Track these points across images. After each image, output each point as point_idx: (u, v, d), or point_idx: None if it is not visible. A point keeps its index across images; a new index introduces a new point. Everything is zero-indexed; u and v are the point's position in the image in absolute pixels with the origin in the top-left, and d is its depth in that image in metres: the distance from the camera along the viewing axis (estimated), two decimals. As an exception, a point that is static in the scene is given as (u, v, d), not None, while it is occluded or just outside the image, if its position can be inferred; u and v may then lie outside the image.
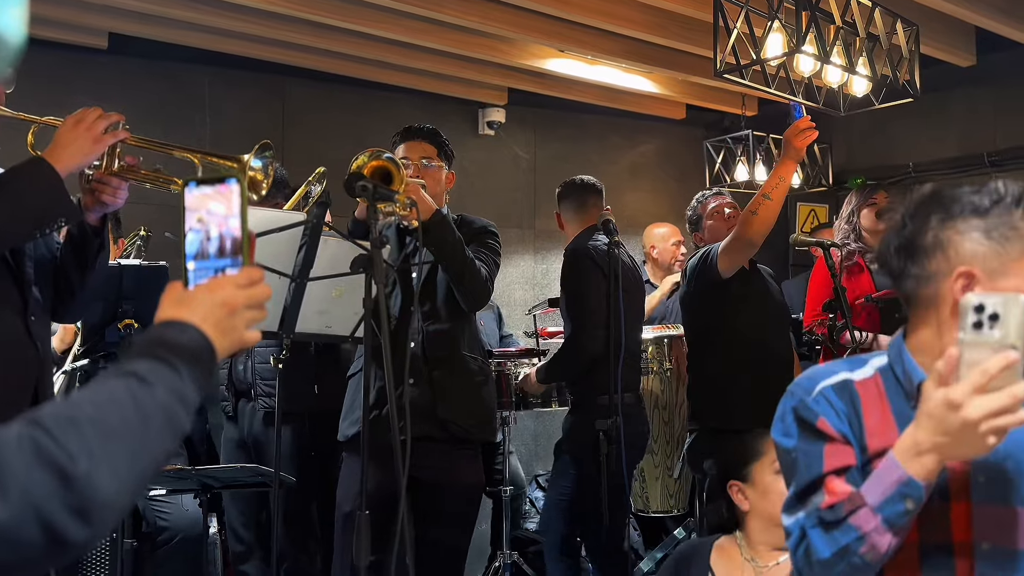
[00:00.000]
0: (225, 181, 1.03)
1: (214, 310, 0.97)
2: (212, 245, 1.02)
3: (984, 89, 4.88)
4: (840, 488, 1.23)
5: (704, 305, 3.17)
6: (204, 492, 2.69)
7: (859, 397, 1.30)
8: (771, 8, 2.86)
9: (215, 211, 1.03)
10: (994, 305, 1.05)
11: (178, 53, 4.18)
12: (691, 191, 5.64)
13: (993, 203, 1.24)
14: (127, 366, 0.88)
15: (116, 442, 0.80)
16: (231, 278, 1.00)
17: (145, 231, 3.47)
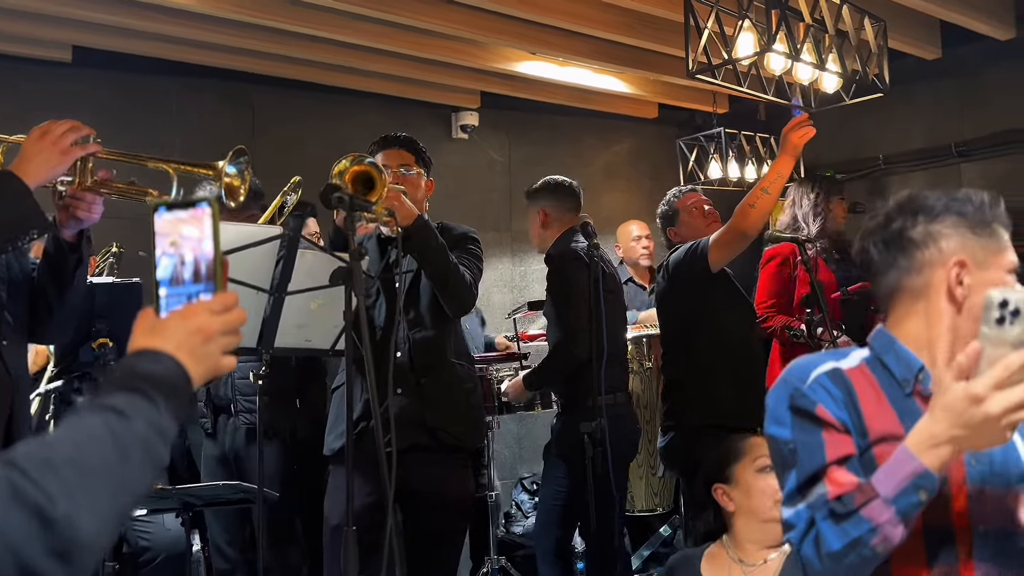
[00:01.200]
0: (197, 205, 1.01)
1: (189, 338, 0.95)
2: (185, 270, 1.00)
3: (949, 81, 4.95)
4: (844, 478, 1.24)
5: (687, 300, 3.12)
6: (186, 511, 2.65)
7: (853, 385, 1.31)
8: (741, 7, 2.88)
9: (188, 235, 1.01)
10: (1018, 301, 1.07)
11: (143, 64, 4.12)
12: (665, 189, 5.66)
13: (974, 207, 1.34)
14: (103, 400, 0.86)
15: (95, 481, 0.78)
16: (205, 304, 0.99)
17: (118, 248, 3.41)
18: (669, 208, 3.37)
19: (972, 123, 4.97)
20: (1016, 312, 1.07)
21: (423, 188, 2.63)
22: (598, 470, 2.77)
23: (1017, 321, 1.07)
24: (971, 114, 4.98)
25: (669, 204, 3.38)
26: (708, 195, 3.55)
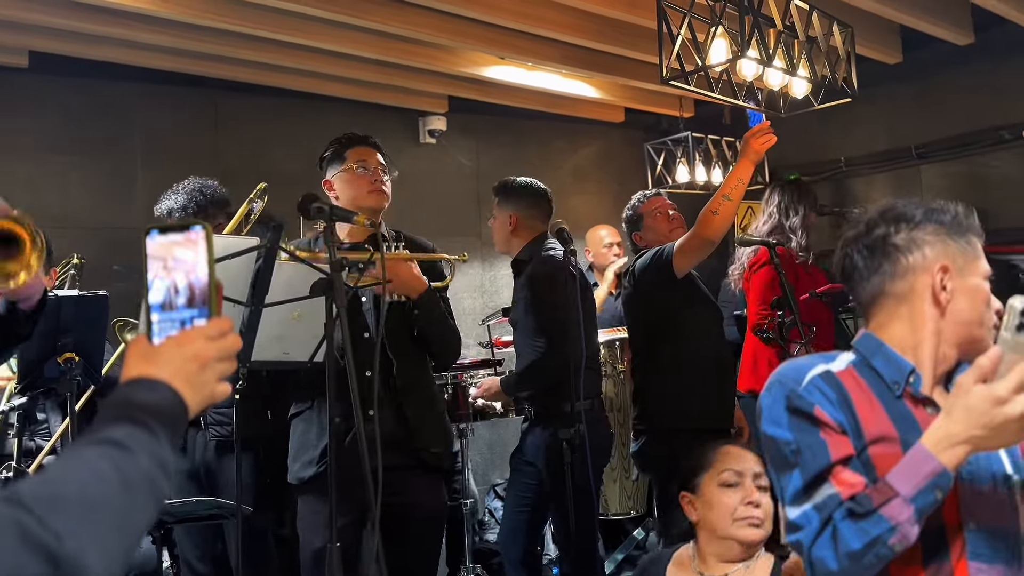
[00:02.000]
0: (191, 228, 1.00)
1: (185, 365, 0.94)
2: (179, 295, 0.99)
3: (910, 85, 5.05)
4: (852, 479, 1.26)
5: (654, 305, 3.18)
6: (158, 528, 2.58)
7: (845, 387, 1.34)
8: (714, 14, 2.90)
9: (182, 259, 0.99)
10: None
11: (104, 70, 4.02)
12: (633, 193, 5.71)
13: (951, 216, 1.40)
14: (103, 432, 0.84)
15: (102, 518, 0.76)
16: (200, 330, 0.97)
17: (79, 259, 3.32)
18: (634, 213, 3.40)
19: (931, 126, 5.08)
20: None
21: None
22: (577, 477, 2.76)
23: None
24: (930, 117, 5.09)
25: (634, 209, 3.41)
26: (676, 199, 3.58)
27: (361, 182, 2.45)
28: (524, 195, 3.22)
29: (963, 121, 4.93)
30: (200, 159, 4.38)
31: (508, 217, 3.19)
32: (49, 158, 4.07)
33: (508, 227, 3.19)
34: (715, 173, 5.40)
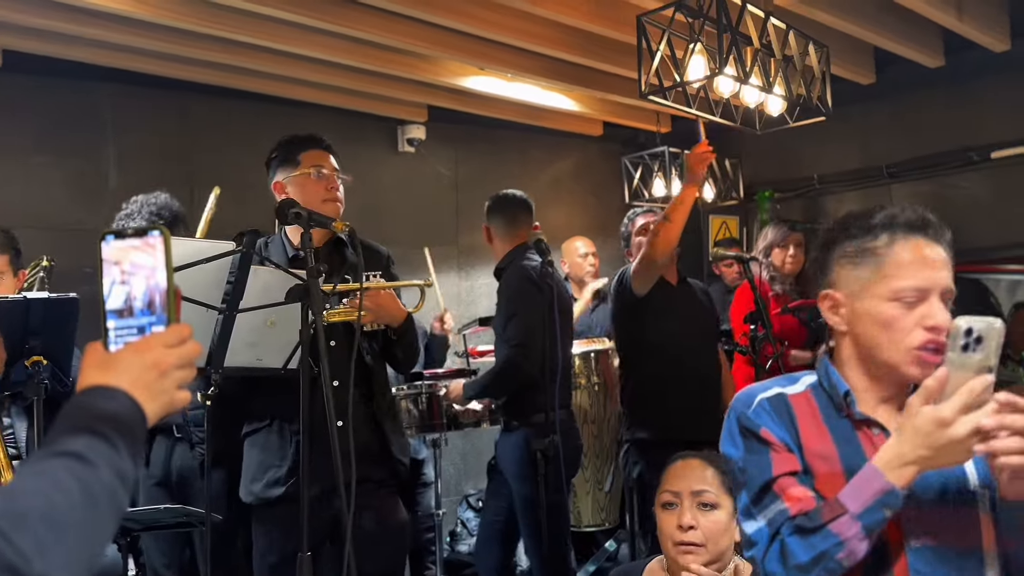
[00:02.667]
0: (148, 233, 0.98)
1: (143, 373, 0.92)
2: (135, 301, 0.97)
3: (882, 104, 5.14)
4: (800, 493, 1.29)
5: (627, 321, 3.31)
6: (124, 535, 2.54)
7: (793, 409, 1.37)
8: (692, 31, 2.94)
9: (140, 264, 0.97)
10: (979, 329, 1.12)
11: (79, 71, 3.97)
12: (610, 206, 5.75)
13: (862, 229, 1.36)
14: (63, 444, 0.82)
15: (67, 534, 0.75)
16: (159, 337, 0.95)
17: (48, 260, 3.26)
18: (625, 230, 3.56)
19: (903, 146, 5.17)
20: (979, 339, 1.12)
21: None
22: (550, 487, 2.77)
23: (979, 348, 1.12)
24: (902, 137, 5.18)
25: (625, 226, 3.57)
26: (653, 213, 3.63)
27: (317, 188, 2.36)
28: (500, 207, 3.29)
29: (933, 141, 5.03)
30: (174, 162, 4.34)
31: (485, 230, 3.31)
32: (20, 158, 4.02)
33: (488, 238, 3.31)
34: (691, 188, 5.45)
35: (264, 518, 2.36)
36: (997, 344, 1.12)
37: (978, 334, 1.12)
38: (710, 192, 5.58)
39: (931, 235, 1.35)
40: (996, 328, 1.12)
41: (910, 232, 1.34)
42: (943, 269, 1.33)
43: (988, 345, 1.12)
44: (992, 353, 1.12)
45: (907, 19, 4.03)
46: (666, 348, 3.20)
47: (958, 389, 1.13)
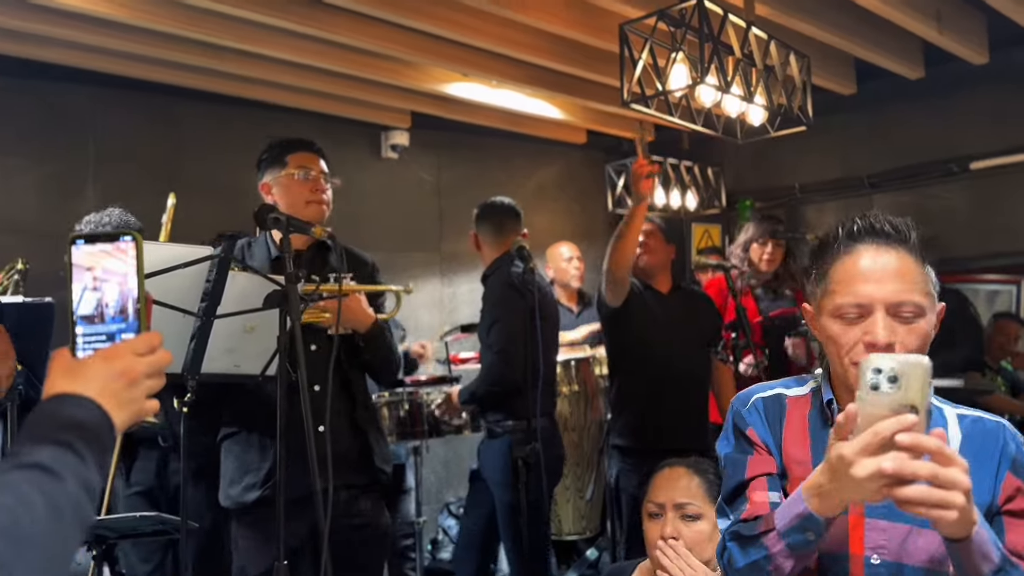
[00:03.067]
0: (120, 238, 0.96)
1: (112, 381, 0.90)
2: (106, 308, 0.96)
3: (862, 115, 5.18)
4: (759, 498, 1.31)
5: (610, 328, 3.37)
6: (98, 543, 2.50)
7: (787, 410, 1.38)
8: (674, 40, 2.95)
9: (111, 270, 0.96)
10: (892, 368, 1.06)
11: (55, 72, 3.93)
12: (593, 214, 5.76)
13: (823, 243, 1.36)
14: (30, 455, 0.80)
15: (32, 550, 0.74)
16: (129, 345, 0.93)
17: (23, 264, 3.22)
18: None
19: (883, 156, 5.22)
20: (893, 378, 1.06)
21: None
22: (531, 494, 2.76)
23: (895, 387, 1.06)
24: (882, 147, 5.23)
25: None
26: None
27: (301, 189, 2.36)
28: (488, 214, 3.30)
29: (913, 152, 5.08)
30: (153, 167, 4.31)
31: (473, 237, 3.32)
32: (-2, 160, 3.98)
33: (476, 245, 3.31)
34: (673, 196, 5.47)
35: (242, 522, 2.34)
36: (922, 382, 1.05)
37: (892, 373, 1.05)
38: (693, 200, 5.61)
39: (883, 242, 1.29)
40: (921, 365, 1.05)
41: (852, 242, 1.31)
42: (890, 281, 1.26)
43: (907, 384, 1.05)
44: (915, 392, 1.04)
45: (887, 31, 4.07)
46: (648, 355, 3.22)
47: (866, 428, 1.07)
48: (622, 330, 3.29)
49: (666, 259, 3.40)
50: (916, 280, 1.28)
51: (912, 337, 1.26)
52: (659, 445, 3.14)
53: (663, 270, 3.38)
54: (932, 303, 1.31)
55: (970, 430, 1.32)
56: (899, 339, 1.25)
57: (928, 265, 1.31)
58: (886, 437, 1.05)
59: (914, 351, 1.25)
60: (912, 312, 1.26)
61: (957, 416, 1.35)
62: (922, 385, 1.05)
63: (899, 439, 1.04)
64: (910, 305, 1.26)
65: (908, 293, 1.26)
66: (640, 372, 3.26)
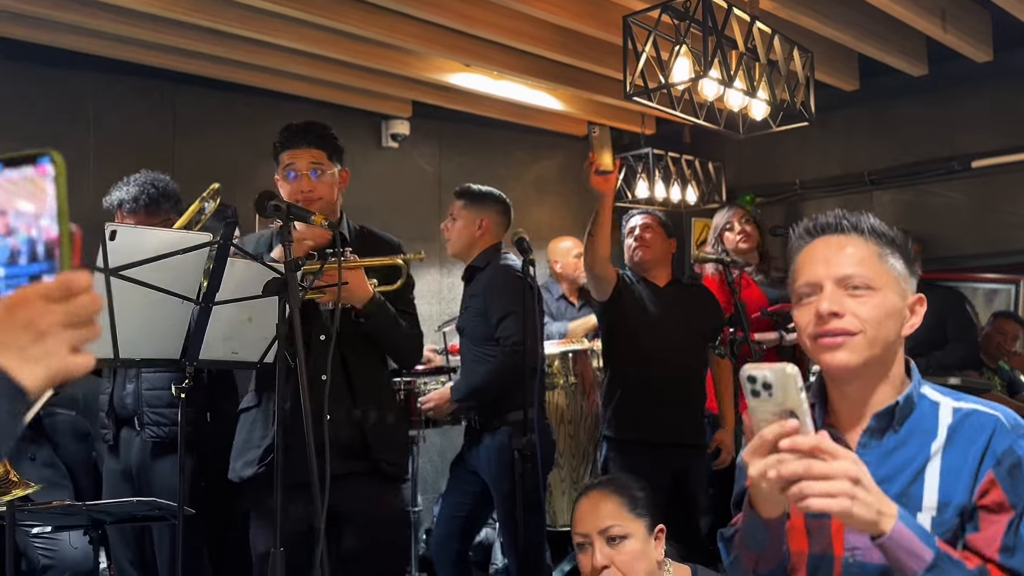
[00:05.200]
0: (37, 161, 0.83)
1: (16, 335, 0.76)
2: (27, 243, 0.82)
3: (865, 112, 5.17)
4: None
5: (601, 321, 3.39)
6: (95, 528, 2.51)
7: None
8: (678, 33, 2.94)
9: (26, 201, 0.82)
10: (764, 376, 1.12)
11: (58, 57, 3.91)
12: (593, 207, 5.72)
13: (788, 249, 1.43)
14: None
15: None
16: (39, 289, 0.78)
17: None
18: (621, 233, 3.55)
19: (885, 153, 5.21)
20: (767, 385, 1.12)
21: (337, 188, 2.43)
22: (527, 486, 2.76)
23: (771, 394, 1.12)
24: (884, 144, 5.22)
25: (621, 229, 3.56)
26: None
27: (290, 189, 2.35)
28: (496, 202, 3.26)
29: (915, 150, 5.07)
30: (155, 153, 4.29)
31: (478, 221, 3.20)
32: (-3, 144, 3.96)
33: (476, 231, 3.20)
34: (674, 190, 5.46)
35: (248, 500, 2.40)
36: (795, 388, 1.11)
37: (764, 380, 1.12)
38: (693, 195, 5.60)
39: (834, 231, 1.35)
40: (786, 373, 1.11)
41: (808, 237, 1.37)
42: (836, 258, 1.31)
43: (781, 391, 1.12)
44: (789, 397, 1.12)
45: (892, 27, 4.05)
46: (638, 348, 3.22)
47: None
48: (612, 323, 3.29)
49: (664, 253, 3.37)
50: (867, 260, 1.32)
51: (864, 308, 1.29)
52: (648, 437, 3.16)
53: (660, 264, 3.35)
54: (895, 286, 1.32)
55: (959, 424, 1.31)
56: (849, 309, 1.28)
57: (897, 257, 1.34)
58: (769, 440, 1.12)
59: (870, 322, 1.28)
60: (861, 284, 1.30)
61: (953, 409, 1.34)
62: (794, 390, 1.11)
63: (781, 444, 1.12)
64: (857, 278, 1.30)
65: (855, 267, 1.31)
66: (630, 365, 3.25)
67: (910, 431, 1.31)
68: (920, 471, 1.29)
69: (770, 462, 1.12)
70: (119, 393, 2.84)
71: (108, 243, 1.92)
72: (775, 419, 1.13)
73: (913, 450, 1.30)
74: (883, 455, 1.30)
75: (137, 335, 2.07)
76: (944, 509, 1.27)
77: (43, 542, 2.89)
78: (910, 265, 1.35)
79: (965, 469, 1.27)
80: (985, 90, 4.74)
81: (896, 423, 1.31)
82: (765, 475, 1.12)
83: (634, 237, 3.35)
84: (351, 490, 2.19)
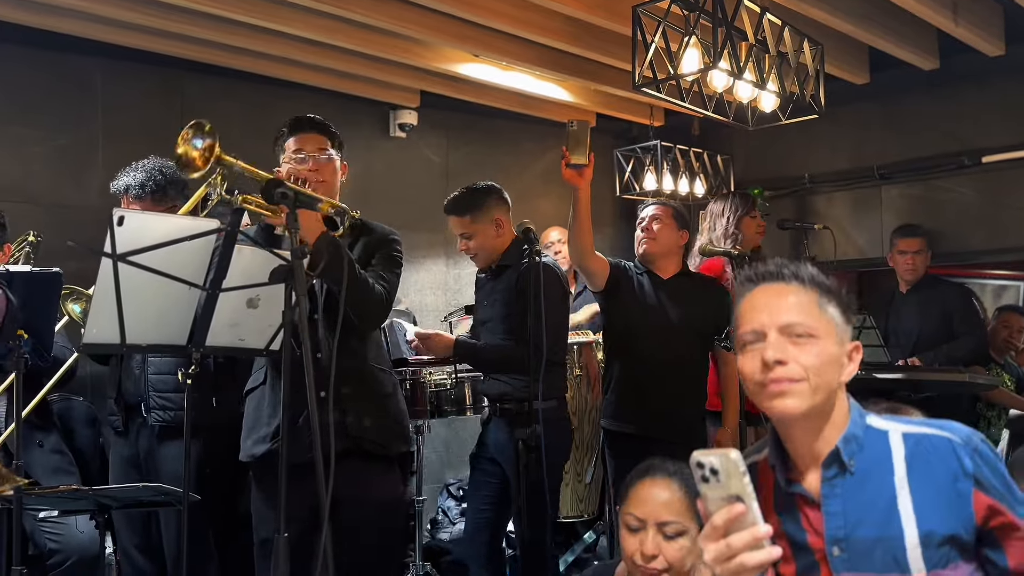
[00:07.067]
0: None
1: None
2: None
3: (875, 105, 5.14)
4: None
5: (603, 314, 3.37)
6: (101, 513, 2.53)
7: (759, 478, 1.41)
8: (688, 24, 2.92)
9: None
10: (711, 463, 1.17)
11: (67, 43, 3.92)
12: (601, 198, 5.74)
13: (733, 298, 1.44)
14: None
15: None
16: None
17: (35, 236, 3.23)
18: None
19: (894, 147, 5.18)
20: (714, 471, 1.17)
21: (338, 173, 2.50)
22: (532, 476, 2.76)
23: (716, 480, 1.18)
24: (894, 138, 5.19)
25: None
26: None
27: (298, 168, 2.40)
28: (493, 194, 3.19)
29: (925, 144, 5.04)
30: (163, 140, 4.25)
31: (494, 224, 3.13)
32: (7, 130, 3.97)
33: (496, 235, 3.12)
34: (682, 183, 5.45)
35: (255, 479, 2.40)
36: (739, 472, 1.17)
37: (711, 467, 1.17)
38: (701, 187, 5.58)
39: (775, 280, 1.39)
40: (729, 459, 1.16)
41: (752, 284, 1.40)
42: (779, 307, 1.35)
43: (726, 476, 1.17)
44: (734, 482, 1.17)
45: (903, 20, 4.03)
46: (636, 340, 3.18)
47: (710, 515, 1.21)
48: (611, 314, 3.27)
49: (673, 245, 3.27)
50: (807, 308, 1.36)
51: (805, 355, 1.32)
52: (638, 431, 3.12)
53: (667, 256, 3.27)
54: (834, 334, 1.36)
55: (914, 452, 1.33)
56: (791, 357, 1.32)
57: (835, 306, 1.38)
58: (719, 527, 1.19)
59: (812, 369, 1.32)
60: (804, 332, 1.33)
61: (902, 436, 1.35)
62: (736, 475, 1.17)
63: (730, 539, 1.19)
64: (799, 326, 1.33)
65: (797, 315, 1.34)
66: (628, 357, 3.21)
67: (866, 469, 1.33)
68: (891, 507, 1.30)
69: (721, 548, 1.19)
70: (126, 379, 2.86)
71: (116, 228, 1.93)
72: (724, 504, 1.19)
73: (875, 486, 1.32)
74: (849, 497, 1.32)
75: (144, 321, 2.07)
76: (929, 540, 1.27)
77: (50, 526, 2.91)
78: (846, 313, 1.39)
79: (941, 498, 1.28)
80: (996, 85, 4.71)
81: (848, 464, 1.33)
82: (717, 561, 1.19)
83: (642, 228, 3.31)
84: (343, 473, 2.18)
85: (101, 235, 1.95)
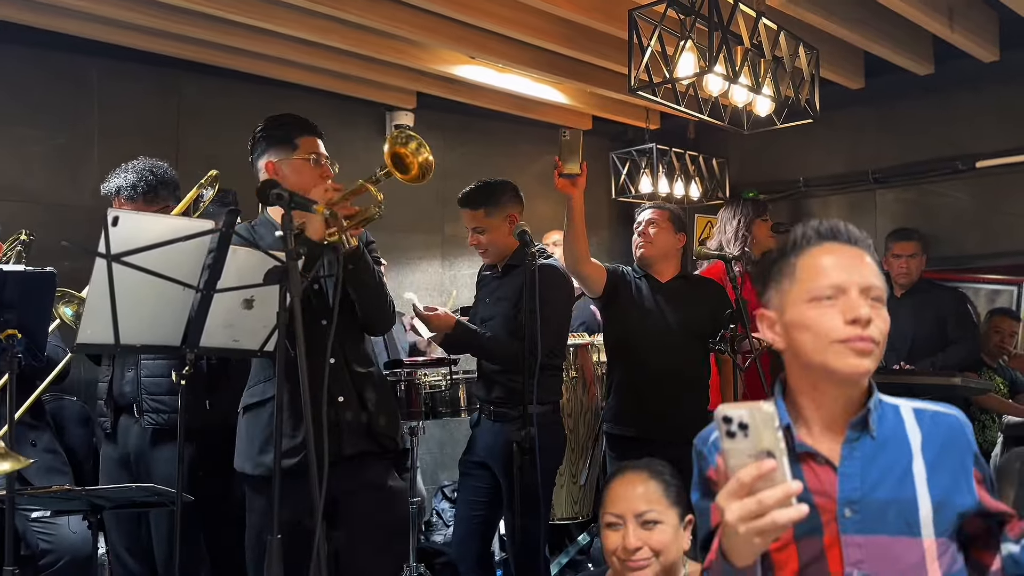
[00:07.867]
0: None
1: None
2: None
3: (870, 110, 5.16)
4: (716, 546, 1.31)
5: (602, 315, 3.40)
6: (94, 513, 2.52)
7: None
8: (684, 28, 2.93)
9: None
10: (740, 416, 1.10)
11: (64, 42, 3.91)
12: (597, 201, 5.75)
13: (783, 249, 1.40)
14: None
15: None
16: None
17: (27, 235, 3.22)
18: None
19: (889, 151, 5.20)
20: (743, 425, 1.10)
21: None
22: (526, 479, 2.76)
23: (747, 434, 1.10)
24: (888, 143, 5.21)
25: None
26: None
27: (314, 175, 2.39)
28: (508, 190, 3.15)
29: (920, 149, 5.07)
30: (159, 140, 4.30)
31: (508, 218, 3.10)
32: (4, 130, 3.96)
33: (508, 230, 3.09)
34: (677, 186, 5.46)
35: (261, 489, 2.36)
36: (772, 428, 1.10)
37: (740, 420, 1.10)
38: (696, 191, 5.59)
39: (843, 240, 1.36)
40: (763, 411, 1.10)
41: (820, 240, 1.36)
42: (859, 267, 1.32)
43: (757, 430, 1.10)
44: (766, 437, 1.10)
45: (898, 26, 4.04)
46: (635, 344, 3.20)
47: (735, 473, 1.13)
48: (611, 318, 3.29)
49: (670, 248, 3.30)
50: (878, 274, 1.35)
51: (880, 320, 1.31)
52: (639, 434, 3.14)
53: (665, 259, 3.29)
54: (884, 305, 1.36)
55: (931, 429, 1.34)
56: (873, 318, 1.30)
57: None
58: (746, 483, 1.11)
59: (882, 336, 1.30)
60: (879, 296, 1.32)
61: (914, 412, 1.36)
62: (770, 430, 1.10)
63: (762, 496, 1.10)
64: (876, 290, 1.32)
65: (875, 279, 1.33)
66: (628, 361, 3.23)
67: (884, 435, 1.33)
68: (907, 473, 1.30)
69: (750, 505, 1.10)
70: (118, 380, 2.85)
71: (110, 229, 1.92)
72: (751, 460, 1.11)
73: (893, 452, 1.32)
74: (868, 461, 1.32)
75: (137, 321, 2.07)
76: (941, 509, 1.28)
77: (42, 526, 2.90)
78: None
79: (960, 473, 1.30)
80: (991, 90, 4.73)
81: (871, 429, 1.33)
82: (744, 519, 1.11)
83: (639, 232, 3.32)
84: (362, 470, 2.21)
85: (97, 234, 1.95)
